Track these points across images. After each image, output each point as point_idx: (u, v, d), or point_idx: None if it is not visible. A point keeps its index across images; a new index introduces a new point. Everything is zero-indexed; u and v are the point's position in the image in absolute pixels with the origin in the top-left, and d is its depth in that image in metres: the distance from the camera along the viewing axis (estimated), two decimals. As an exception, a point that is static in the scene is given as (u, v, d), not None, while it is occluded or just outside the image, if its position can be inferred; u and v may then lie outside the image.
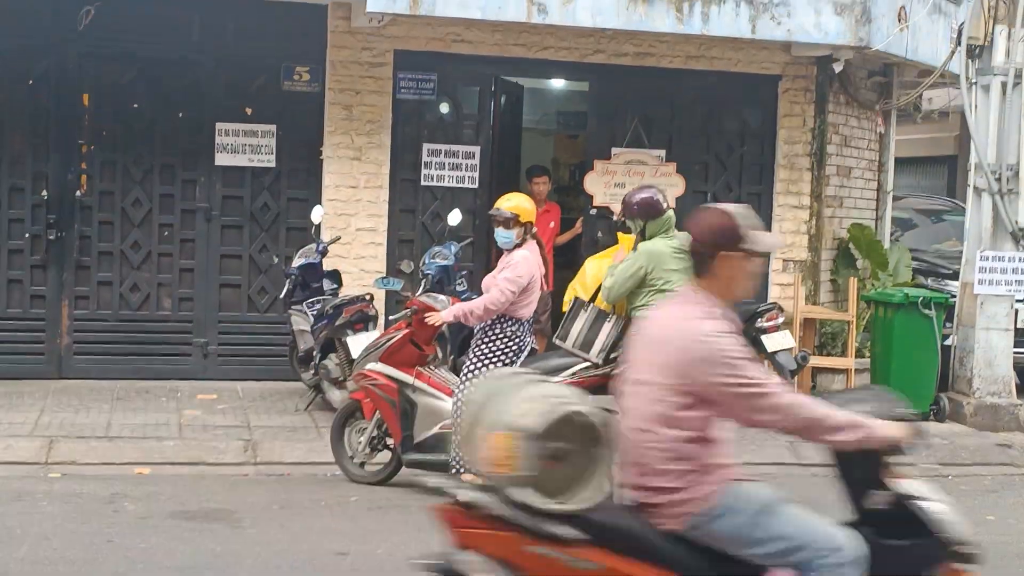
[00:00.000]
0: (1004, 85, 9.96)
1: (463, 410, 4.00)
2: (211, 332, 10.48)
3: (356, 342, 8.74)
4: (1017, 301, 10.27)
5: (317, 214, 9.89)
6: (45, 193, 10.09)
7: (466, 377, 7.23)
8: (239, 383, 10.26)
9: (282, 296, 9.74)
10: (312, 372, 9.37)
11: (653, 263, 6.87)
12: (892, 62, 12.02)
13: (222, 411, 9.31)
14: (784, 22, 10.27)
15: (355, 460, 7.81)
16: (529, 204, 7.39)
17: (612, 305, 7.05)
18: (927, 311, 9.91)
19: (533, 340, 7.48)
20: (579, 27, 10.16)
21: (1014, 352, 10.30)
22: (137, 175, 10.32)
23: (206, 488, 7.56)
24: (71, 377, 10.14)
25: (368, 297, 9.21)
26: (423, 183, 10.82)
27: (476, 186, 10.88)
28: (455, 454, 6.89)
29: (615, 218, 9.35)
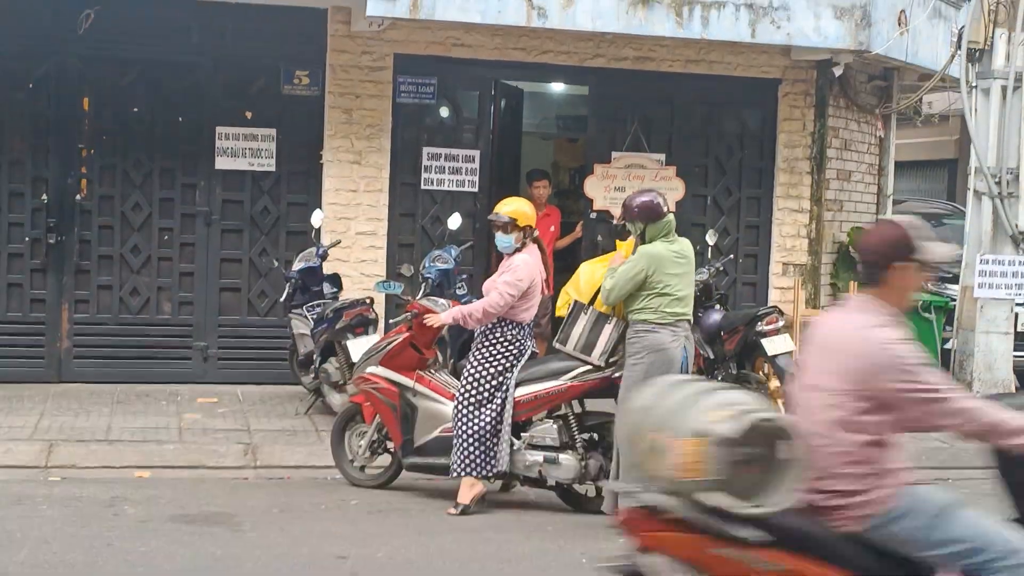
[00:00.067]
0: (1004, 89, 9.97)
1: (623, 415, 4.09)
2: (211, 336, 10.48)
3: (356, 346, 8.74)
4: (1017, 304, 10.27)
5: (317, 218, 9.89)
6: (45, 197, 10.10)
7: (466, 381, 7.22)
8: (239, 387, 10.25)
9: (282, 300, 9.74)
10: (312, 376, 9.37)
11: (654, 266, 6.86)
12: (892, 66, 12.03)
13: (222, 415, 9.31)
14: (784, 26, 10.28)
15: (355, 464, 7.81)
16: (529, 208, 7.39)
17: (611, 307, 7.04)
18: (927, 314, 9.93)
19: (533, 344, 7.48)
20: (579, 31, 10.16)
21: (1014, 355, 10.30)
22: (137, 179, 10.33)
23: (206, 492, 7.56)
24: (71, 381, 10.14)
25: (368, 301, 9.20)
26: (423, 187, 10.82)
27: (476, 190, 10.88)
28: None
29: (615, 222, 9.35)
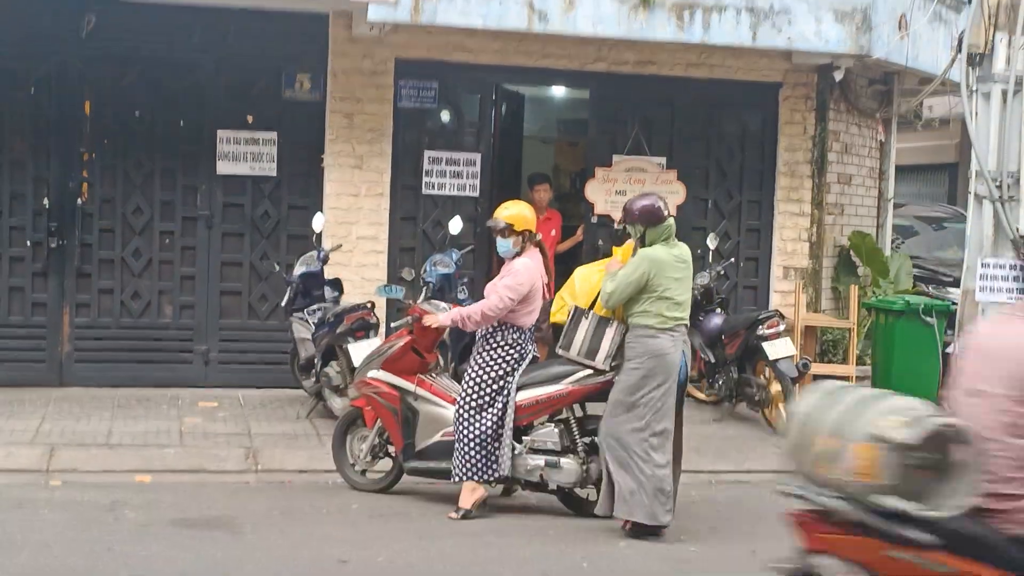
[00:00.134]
0: (1005, 93, 9.94)
1: (790, 418, 4.22)
2: (212, 339, 10.48)
3: (357, 350, 8.74)
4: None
5: (318, 222, 9.89)
6: (46, 201, 10.11)
7: (467, 385, 7.22)
8: (240, 390, 10.25)
9: (283, 304, 9.75)
10: (313, 379, 9.37)
11: (655, 269, 6.86)
12: (893, 70, 12.03)
13: (223, 418, 9.31)
14: (785, 30, 10.29)
15: (357, 468, 7.81)
16: (529, 211, 7.38)
17: (612, 311, 7.03)
18: (928, 318, 9.92)
19: (535, 348, 7.47)
20: (580, 36, 10.17)
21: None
22: (138, 182, 10.33)
23: (207, 496, 7.56)
24: (72, 384, 10.14)
25: (369, 305, 9.21)
26: (424, 191, 10.82)
27: (477, 194, 10.88)
28: None
29: (616, 225, 9.36)
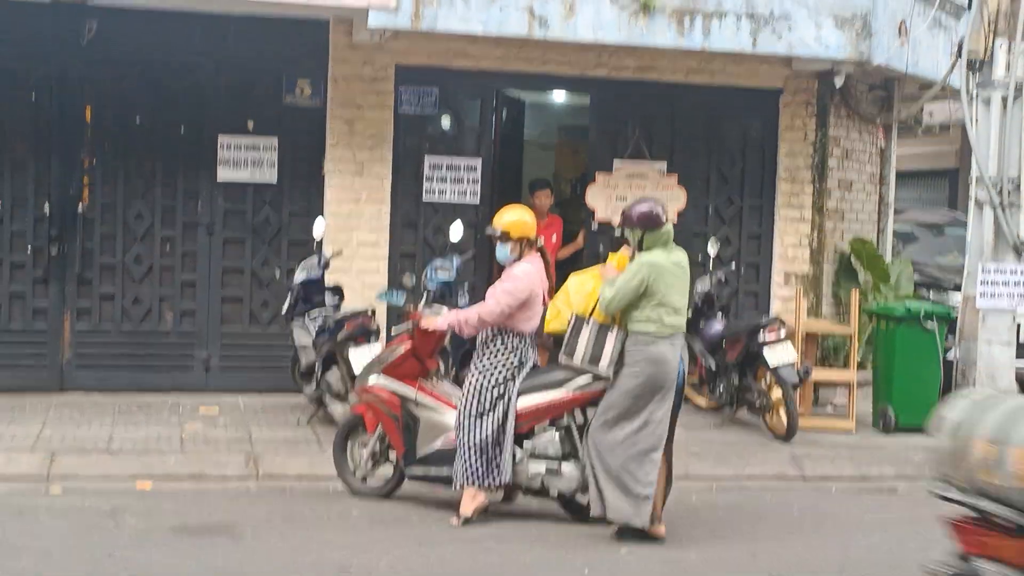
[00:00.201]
0: (1004, 99, 9.96)
1: (939, 425, 4.25)
2: (213, 345, 10.48)
3: (358, 356, 8.74)
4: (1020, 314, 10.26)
5: (319, 228, 9.89)
6: (47, 207, 10.12)
7: (468, 391, 7.21)
8: (241, 396, 10.25)
9: (284, 310, 9.75)
10: (314, 385, 9.36)
11: (654, 274, 6.85)
12: (893, 76, 12.04)
13: (224, 424, 9.31)
14: (785, 36, 10.30)
15: (357, 474, 7.80)
16: (529, 217, 7.37)
17: (611, 317, 7.02)
18: (929, 324, 9.91)
19: (536, 354, 7.46)
20: (580, 42, 10.17)
21: (1016, 365, 10.29)
22: (139, 189, 10.34)
23: (208, 502, 7.55)
24: (73, 390, 10.14)
25: (370, 311, 9.21)
26: (425, 197, 10.83)
27: (478, 200, 10.89)
28: None
29: (616, 230, 9.35)
